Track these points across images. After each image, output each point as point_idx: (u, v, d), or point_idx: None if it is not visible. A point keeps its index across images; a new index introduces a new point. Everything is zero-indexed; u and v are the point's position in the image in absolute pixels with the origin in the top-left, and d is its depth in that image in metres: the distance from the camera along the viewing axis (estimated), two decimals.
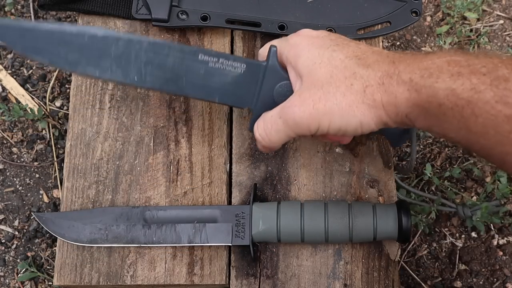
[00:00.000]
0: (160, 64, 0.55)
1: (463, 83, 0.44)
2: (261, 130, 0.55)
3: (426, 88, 0.46)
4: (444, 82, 0.45)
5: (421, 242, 0.86)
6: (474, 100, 0.43)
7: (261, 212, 0.60)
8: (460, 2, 1.00)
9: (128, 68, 0.55)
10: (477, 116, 0.43)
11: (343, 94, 0.50)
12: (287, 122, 0.52)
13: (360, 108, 0.49)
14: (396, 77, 0.48)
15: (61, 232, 0.62)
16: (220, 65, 0.56)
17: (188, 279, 0.61)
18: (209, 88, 0.56)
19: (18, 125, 0.91)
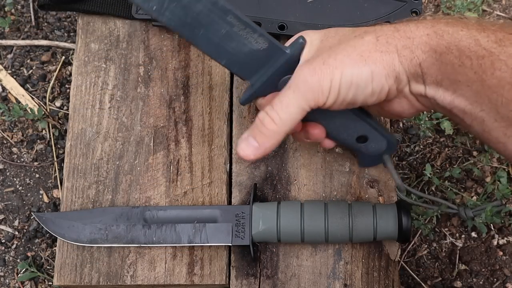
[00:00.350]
0: (186, 6, 0.51)
1: (488, 35, 0.44)
2: (269, 110, 0.49)
3: (449, 35, 0.45)
4: (469, 31, 0.44)
5: (421, 242, 0.86)
6: (496, 52, 0.43)
7: (261, 212, 0.60)
8: (460, 2, 1.00)
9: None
10: (495, 69, 0.43)
11: (353, 47, 0.48)
12: (298, 88, 0.48)
13: (372, 56, 0.47)
14: (416, 23, 0.47)
15: (61, 232, 0.62)
16: (244, 33, 0.53)
17: (188, 279, 0.61)
18: (222, 49, 0.53)
19: (18, 125, 0.91)
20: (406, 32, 0.47)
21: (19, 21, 0.98)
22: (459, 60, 0.44)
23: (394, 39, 0.47)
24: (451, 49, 0.45)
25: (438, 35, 0.45)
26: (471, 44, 0.44)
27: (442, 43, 0.45)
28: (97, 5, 0.70)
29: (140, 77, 0.69)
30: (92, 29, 0.71)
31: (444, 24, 0.46)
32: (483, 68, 0.43)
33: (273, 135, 0.49)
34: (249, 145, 0.50)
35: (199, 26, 0.52)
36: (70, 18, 0.98)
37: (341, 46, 0.48)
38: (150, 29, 0.71)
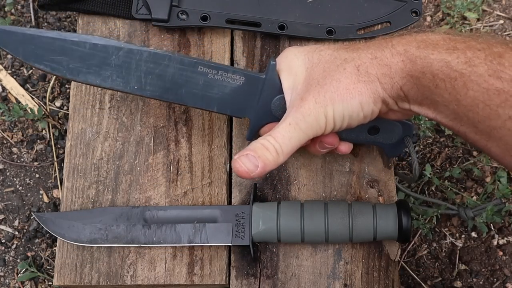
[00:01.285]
0: (160, 74, 0.57)
1: (458, 56, 0.45)
2: (273, 142, 0.52)
3: (421, 59, 0.47)
4: (439, 54, 0.46)
5: (421, 242, 0.86)
6: (467, 73, 0.45)
7: (261, 212, 0.60)
8: (460, 2, 1.00)
9: (128, 77, 0.57)
10: (468, 89, 0.45)
11: (338, 81, 0.51)
12: (298, 126, 0.52)
13: (356, 88, 0.50)
14: (390, 49, 0.49)
15: (61, 232, 0.62)
16: (219, 77, 0.57)
17: (188, 279, 0.61)
18: (208, 98, 0.58)
19: (18, 125, 0.91)
20: (383, 60, 0.49)
21: (19, 21, 0.98)
22: (433, 83, 0.47)
23: (373, 67, 0.50)
24: (425, 73, 0.47)
25: (411, 61, 0.48)
26: (443, 67, 0.46)
27: (416, 68, 0.47)
28: (97, 5, 0.70)
29: None
30: (92, 29, 0.71)
31: (415, 48, 0.48)
32: (457, 89, 0.45)
33: (275, 163, 0.52)
34: (250, 162, 0.52)
35: (179, 87, 0.57)
36: (70, 18, 0.98)
37: (327, 80, 0.51)
38: (150, 29, 0.71)
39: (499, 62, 0.44)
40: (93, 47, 0.56)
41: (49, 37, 0.56)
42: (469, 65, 0.45)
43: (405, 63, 0.48)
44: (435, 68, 0.46)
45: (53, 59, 0.56)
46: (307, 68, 0.54)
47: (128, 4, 0.70)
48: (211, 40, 0.71)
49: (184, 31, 0.71)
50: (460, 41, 0.47)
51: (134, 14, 0.70)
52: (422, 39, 0.48)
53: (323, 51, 0.54)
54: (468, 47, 0.46)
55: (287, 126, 0.52)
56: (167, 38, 0.70)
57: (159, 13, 0.68)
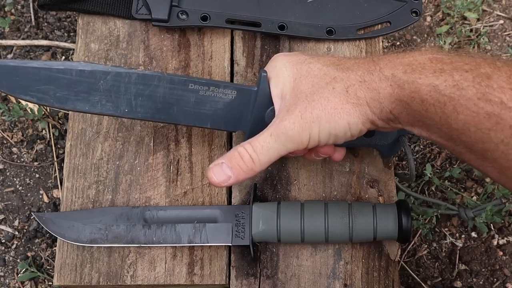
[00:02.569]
0: (151, 95, 0.56)
1: (445, 79, 0.44)
2: (250, 151, 0.52)
3: (409, 84, 0.46)
4: (427, 78, 0.45)
5: (421, 242, 0.86)
6: (456, 97, 0.44)
7: (261, 212, 0.60)
8: (460, 2, 1.00)
9: (118, 101, 0.56)
10: (458, 113, 0.44)
11: (327, 99, 0.50)
12: (279, 138, 0.52)
13: (345, 108, 0.50)
14: (378, 73, 0.48)
15: (61, 232, 0.62)
16: (210, 93, 0.57)
17: (188, 279, 0.61)
18: (200, 115, 0.57)
19: (18, 125, 0.91)
20: (371, 84, 0.49)
21: (19, 21, 0.98)
22: (423, 108, 0.46)
23: (362, 91, 0.49)
24: (414, 98, 0.46)
25: (399, 86, 0.47)
26: (431, 91, 0.45)
27: (404, 93, 0.47)
28: (97, 5, 0.70)
29: None
30: (92, 29, 0.71)
31: (402, 73, 0.47)
32: (447, 113, 0.45)
33: (249, 172, 0.52)
34: (223, 172, 0.52)
35: (171, 106, 0.56)
36: (70, 18, 0.98)
37: (315, 97, 0.51)
38: (150, 29, 0.71)
39: (488, 84, 0.43)
40: (79, 74, 0.55)
41: (33, 67, 0.54)
42: (457, 89, 0.44)
43: (393, 88, 0.47)
44: (423, 93, 0.45)
45: (39, 89, 0.54)
46: (295, 79, 0.53)
47: (128, 4, 0.70)
48: (211, 40, 0.71)
49: (184, 31, 0.71)
50: (447, 62, 0.46)
51: (134, 14, 0.70)
52: (408, 62, 0.47)
53: (312, 64, 0.53)
54: (455, 68, 0.45)
55: (268, 136, 0.52)
56: (167, 38, 0.70)
57: (159, 13, 0.68)
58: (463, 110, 0.44)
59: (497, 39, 1.02)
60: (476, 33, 1.01)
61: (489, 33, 1.01)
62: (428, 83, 0.45)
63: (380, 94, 0.48)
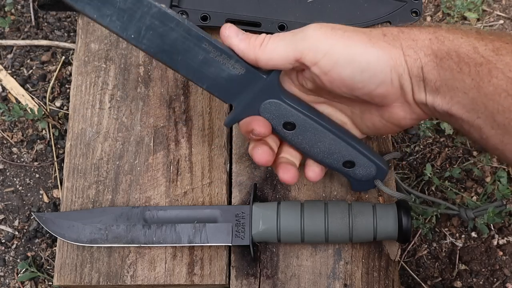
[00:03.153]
0: (162, 34, 0.53)
1: (486, 44, 0.45)
2: (266, 37, 0.50)
3: (449, 41, 0.46)
4: (468, 39, 0.46)
5: (421, 242, 0.86)
6: (494, 60, 0.44)
7: (261, 212, 0.60)
8: (460, 2, 1.00)
9: (128, 25, 0.52)
10: (492, 77, 0.44)
11: (363, 32, 0.49)
12: (296, 35, 0.49)
13: (379, 43, 0.48)
14: (419, 28, 0.48)
15: (61, 232, 0.62)
16: (220, 59, 0.54)
17: (188, 279, 0.61)
18: (201, 74, 0.55)
19: (18, 125, 0.91)
20: (410, 34, 0.48)
21: (19, 21, 0.98)
22: (458, 66, 0.46)
23: (399, 38, 0.48)
24: (451, 54, 0.46)
25: (439, 40, 0.47)
26: (470, 51, 0.45)
27: (443, 48, 0.46)
28: None
29: (140, 77, 0.69)
30: (92, 29, 0.71)
31: (445, 31, 0.47)
32: (481, 75, 0.44)
33: (251, 51, 0.51)
34: (235, 32, 0.52)
35: (177, 53, 0.54)
36: (70, 18, 0.98)
37: (350, 28, 0.49)
38: None
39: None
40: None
41: None
42: (496, 53, 0.44)
43: (432, 41, 0.47)
44: (462, 51, 0.45)
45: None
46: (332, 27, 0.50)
47: None
48: None
49: None
50: (489, 33, 0.47)
51: None
52: (452, 26, 0.48)
53: (347, 32, 0.50)
54: (497, 37, 0.46)
55: (285, 33, 0.50)
56: None
57: None
58: (498, 74, 0.44)
59: None
60: None
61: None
62: (469, 42, 0.45)
63: (417, 44, 0.47)
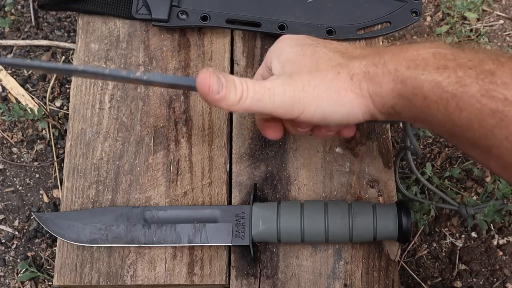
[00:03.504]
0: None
1: (449, 75, 0.44)
2: (245, 90, 0.49)
3: (411, 80, 0.46)
4: (430, 74, 0.45)
5: (421, 242, 0.86)
6: (459, 93, 0.43)
7: (261, 212, 0.60)
8: (460, 2, 1.00)
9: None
10: (462, 110, 0.43)
11: (331, 81, 0.49)
12: (274, 97, 0.49)
13: (348, 96, 0.49)
14: (382, 67, 0.47)
15: (61, 232, 0.62)
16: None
17: (188, 279, 0.61)
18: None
19: (18, 125, 0.91)
20: (375, 77, 0.48)
21: (19, 21, 0.98)
22: (425, 104, 0.45)
23: (366, 82, 0.48)
24: (417, 94, 0.46)
25: (401, 81, 0.46)
26: (434, 88, 0.44)
27: (406, 89, 0.46)
28: (97, 5, 0.70)
29: None
30: (92, 29, 0.71)
31: (405, 68, 0.46)
32: (450, 110, 0.44)
33: (229, 104, 0.49)
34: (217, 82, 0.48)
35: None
36: (70, 18, 0.98)
37: (318, 74, 0.49)
38: (150, 29, 0.71)
39: (491, 80, 0.42)
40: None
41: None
42: (460, 85, 0.43)
43: (396, 83, 0.47)
44: (426, 90, 0.45)
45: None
46: (298, 55, 0.52)
47: (128, 4, 0.70)
48: (211, 40, 0.71)
49: (184, 31, 0.71)
50: (450, 58, 0.45)
51: (134, 14, 0.70)
52: (412, 56, 0.46)
53: (318, 47, 0.52)
54: (458, 65, 0.44)
55: (265, 89, 0.49)
56: (167, 38, 0.70)
57: (159, 13, 0.68)
58: (466, 107, 0.43)
59: (497, 39, 1.02)
60: (476, 33, 1.01)
61: (489, 33, 1.01)
62: (431, 79, 0.44)
63: (382, 88, 0.48)
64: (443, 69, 0.44)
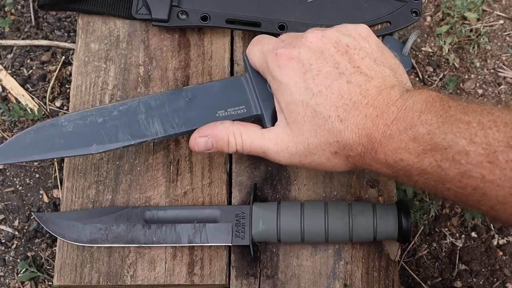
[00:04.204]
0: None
1: (430, 162, 0.46)
2: (239, 144, 0.56)
3: (399, 169, 0.48)
4: (414, 163, 0.47)
5: (421, 242, 0.86)
6: (442, 176, 0.46)
7: (261, 212, 0.60)
8: (460, 2, 1.00)
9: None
10: (449, 189, 0.47)
11: (327, 158, 0.52)
12: (268, 152, 0.55)
13: (340, 165, 0.53)
14: (374, 154, 0.49)
15: (61, 232, 0.62)
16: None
17: (188, 279, 0.61)
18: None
19: (18, 125, 0.91)
20: (367, 160, 0.50)
21: (19, 21, 0.98)
22: (414, 183, 0.50)
23: (360, 161, 0.51)
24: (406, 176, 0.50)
25: (391, 168, 0.50)
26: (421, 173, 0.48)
27: (398, 173, 0.50)
28: (97, 5, 0.70)
29: (140, 77, 0.69)
30: (92, 29, 0.71)
31: (392, 161, 0.49)
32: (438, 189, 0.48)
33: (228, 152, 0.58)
34: (205, 146, 0.57)
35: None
36: (70, 18, 0.98)
37: (317, 150, 0.52)
38: (150, 29, 0.71)
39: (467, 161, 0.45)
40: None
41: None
42: (441, 169, 0.46)
43: (387, 168, 0.50)
44: (414, 174, 0.48)
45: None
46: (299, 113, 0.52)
47: (128, 4, 0.70)
48: (211, 40, 0.71)
49: (184, 31, 0.71)
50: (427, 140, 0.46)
51: (134, 14, 0.70)
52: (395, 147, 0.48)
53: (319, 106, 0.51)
54: (435, 149, 0.46)
55: (260, 137, 0.55)
56: (167, 38, 0.70)
57: (159, 13, 0.68)
58: (451, 186, 0.46)
59: (497, 39, 1.02)
60: (476, 33, 1.01)
61: (489, 33, 1.01)
62: (417, 166, 0.47)
63: (372, 167, 0.51)
64: (424, 154, 0.46)
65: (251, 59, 0.58)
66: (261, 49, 0.57)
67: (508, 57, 1.00)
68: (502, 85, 0.98)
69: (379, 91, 0.49)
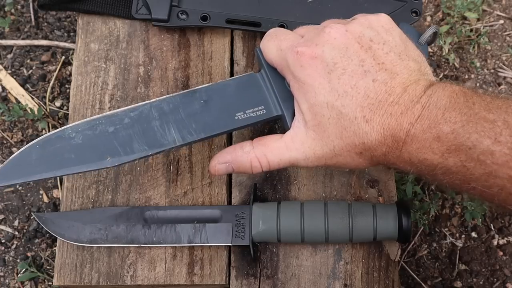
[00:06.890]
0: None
1: (455, 162, 0.46)
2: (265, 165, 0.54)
3: (424, 168, 0.48)
4: (438, 163, 0.47)
5: (421, 242, 0.86)
6: (468, 175, 0.46)
7: (261, 212, 0.60)
8: (460, 2, 1.00)
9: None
10: (475, 189, 0.46)
11: (352, 159, 0.52)
12: (295, 163, 0.53)
13: (362, 163, 0.52)
14: (399, 153, 0.49)
15: (61, 232, 0.62)
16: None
17: (188, 279, 0.61)
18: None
19: (18, 125, 0.91)
20: (391, 159, 0.50)
21: (19, 21, 0.98)
22: (439, 181, 0.50)
23: (384, 160, 0.51)
24: (430, 175, 0.50)
25: (414, 166, 0.49)
26: (446, 172, 0.48)
27: (421, 171, 0.49)
28: (97, 5, 0.70)
29: (140, 77, 0.69)
30: (92, 29, 0.71)
31: (417, 160, 0.48)
32: (463, 188, 0.48)
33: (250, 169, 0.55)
34: (226, 170, 0.56)
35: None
36: (70, 18, 0.98)
37: (343, 152, 0.51)
38: (150, 29, 0.71)
39: (492, 161, 0.45)
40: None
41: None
42: (466, 169, 0.46)
43: (411, 166, 0.49)
44: (438, 174, 0.48)
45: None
46: (323, 115, 0.50)
47: (128, 4, 0.70)
48: (211, 40, 0.71)
49: (184, 31, 0.71)
50: (451, 140, 0.46)
51: (134, 14, 0.70)
52: (420, 147, 0.47)
53: (344, 107, 0.49)
54: (459, 149, 0.46)
55: (285, 150, 0.53)
56: (167, 38, 0.70)
57: (159, 13, 0.68)
58: (476, 185, 0.45)
59: (497, 39, 1.02)
60: (476, 33, 1.01)
61: (489, 33, 1.01)
62: (441, 166, 0.47)
63: (397, 166, 0.51)
64: (448, 153, 0.46)
65: (266, 55, 0.55)
66: (279, 45, 0.53)
67: (508, 57, 1.00)
68: (502, 85, 0.98)
69: (404, 87, 0.48)
